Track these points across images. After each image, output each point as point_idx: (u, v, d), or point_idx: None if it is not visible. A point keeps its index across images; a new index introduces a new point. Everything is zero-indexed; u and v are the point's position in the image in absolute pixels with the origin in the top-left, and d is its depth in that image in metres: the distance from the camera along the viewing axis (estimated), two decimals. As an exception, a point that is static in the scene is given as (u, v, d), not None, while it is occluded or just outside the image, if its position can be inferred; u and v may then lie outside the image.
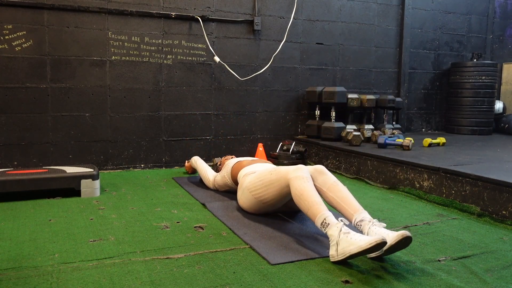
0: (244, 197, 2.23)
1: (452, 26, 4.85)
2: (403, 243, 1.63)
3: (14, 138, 3.18)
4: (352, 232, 1.64)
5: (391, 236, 1.63)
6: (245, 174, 2.34)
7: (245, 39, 3.82)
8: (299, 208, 1.87)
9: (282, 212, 2.28)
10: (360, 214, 1.82)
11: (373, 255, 1.67)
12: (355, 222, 1.81)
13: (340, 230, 1.65)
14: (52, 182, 2.58)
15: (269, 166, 2.41)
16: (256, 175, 2.18)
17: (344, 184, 2.03)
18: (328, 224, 1.70)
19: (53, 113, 3.27)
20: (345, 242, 1.61)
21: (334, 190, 1.95)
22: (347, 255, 1.59)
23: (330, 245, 1.67)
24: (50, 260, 1.65)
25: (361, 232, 1.77)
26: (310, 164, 3.76)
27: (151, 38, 3.49)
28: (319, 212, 1.76)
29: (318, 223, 1.75)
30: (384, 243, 1.56)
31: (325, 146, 3.69)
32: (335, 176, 2.13)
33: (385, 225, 1.75)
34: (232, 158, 2.84)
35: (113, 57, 3.39)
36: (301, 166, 1.98)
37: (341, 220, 1.71)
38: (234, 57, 3.79)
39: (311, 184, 1.89)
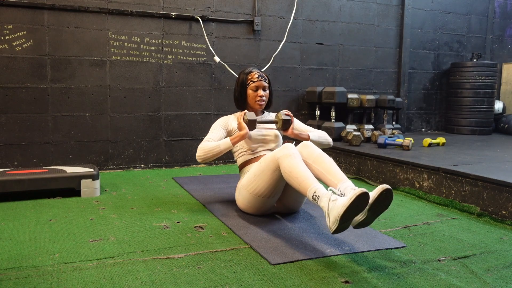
0: (241, 197, 2.21)
1: (452, 26, 4.86)
2: (385, 196, 1.60)
3: (14, 138, 3.18)
4: (340, 198, 1.63)
5: (372, 193, 1.62)
6: (245, 172, 2.32)
7: (245, 39, 3.82)
8: (291, 185, 1.88)
9: (280, 213, 2.28)
10: (344, 183, 1.81)
11: (359, 218, 1.65)
12: (339, 190, 1.79)
13: (329, 200, 1.65)
14: (52, 182, 2.58)
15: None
16: (249, 171, 2.18)
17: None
18: (319, 196, 1.71)
19: (53, 113, 3.27)
20: (334, 209, 1.60)
21: (318, 162, 1.95)
22: (338, 219, 1.57)
23: (325, 218, 1.66)
24: (50, 260, 1.65)
25: None
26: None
27: (151, 38, 3.49)
28: (309, 185, 1.76)
29: (309, 197, 1.75)
30: (365, 193, 1.54)
31: (325, 146, 3.69)
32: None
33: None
34: None
35: (113, 57, 3.40)
36: (287, 144, 1.98)
37: (330, 190, 1.71)
38: (234, 57, 3.79)
39: (299, 159, 1.90)
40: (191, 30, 3.62)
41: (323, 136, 2.42)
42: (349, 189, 1.75)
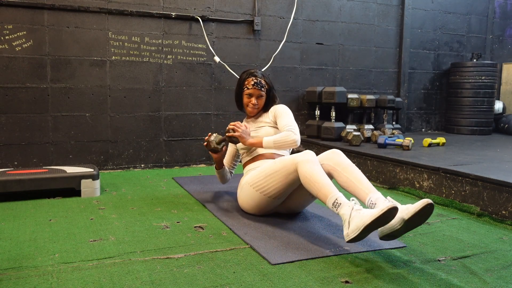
0: (244, 194, 2.19)
1: (452, 26, 4.86)
2: (427, 210, 1.60)
3: (14, 138, 3.18)
4: (364, 209, 1.64)
5: (412, 206, 1.62)
6: (248, 171, 2.32)
7: (245, 39, 3.82)
8: (309, 191, 1.87)
9: (280, 213, 2.28)
10: (375, 194, 1.80)
11: (392, 228, 1.64)
12: (369, 201, 1.78)
13: (352, 209, 1.65)
14: (52, 182, 2.58)
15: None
16: (259, 169, 2.15)
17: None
18: (340, 204, 1.70)
19: (53, 113, 3.27)
20: (358, 217, 1.60)
21: (349, 171, 1.93)
22: (361, 228, 1.57)
23: (343, 225, 1.66)
24: (50, 260, 1.65)
25: None
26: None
27: (151, 38, 3.49)
28: (330, 192, 1.76)
29: (329, 203, 1.74)
30: (395, 208, 1.55)
31: (325, 146, 3.69)
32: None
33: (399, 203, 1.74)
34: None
35: (113, 57, 3.40)
36: (308, 151, 1.98)
37: (353, 200, 1.72)
38: (234, 57, 3.79)
39: (320, 167, 1.89)
40: (191, 30, 3.62)
41: (281, 138, 2.18)
42: (381, 200, 1.74)
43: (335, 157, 1.99)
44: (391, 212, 1.56)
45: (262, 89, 2.34)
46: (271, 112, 2.41)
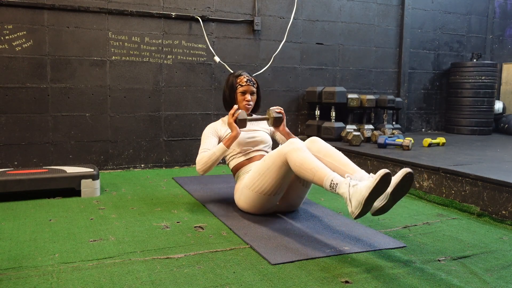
0: (243, 197, 2.20)
1: (452, 26, 4.86)
2: (408, 179, 1.61)
3: (14, 138, 3.18)
4: (360, 183, 1.65)
5: (393, 178, 1.63)
6: (242, 174, 2.33)
7: (245, 39, 3.82)
8: (303, 178, 1.88)
9: (281, 212, 2.28)
10: (359, 173, 1.84)
11: (380, 203, 1.66)
12: (355, 180, 1.79)
13: (349, 186, 1.66)
14: (52, 182, 2.58)
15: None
16: (251, 171, 2.17)
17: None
18: (337, 184, 1.71)
19: (53, 113, 3.27)
20: (356, 193, 1.62)
21: (329, 155, 1.98)
22: (362, 202, 1.58)
23: (346, 204, 1.67)
24: (50, 260, 1.65)
25: None
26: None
27: (151, 38, 3.49)
28: (325, 175, 1.77)
29: (326, 186, 1.75)
30: (388, 174, 1.56)
31: (325, 146, 3.69)
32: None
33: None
34: None
35: (113, 57, 3.40)
36: (293, 139, 2.00)
37: (348, 176, 1.72)
38: (234, 57, 3.79)
39: (308, 152, 1.91)
40: (191, 30, 3.62)
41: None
42: (366, 177, 1.76)
43: (315, 145, 2.05)
44: (385, 178, 1.56)
45: (254, 85, 2.41)
46: (266, 123, 2.53)
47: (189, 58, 3.64)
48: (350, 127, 3.85)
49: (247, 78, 2.39)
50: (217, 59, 3.66)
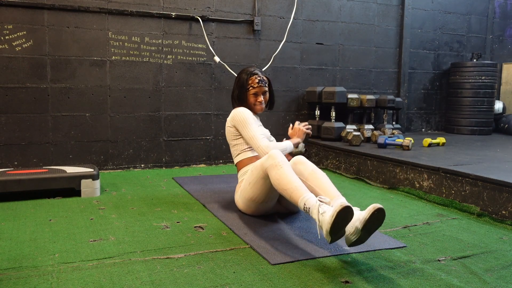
0: (241, 200, 2.22)
1: (452, 26, 4.86)
2: (377, 216, 1.58)
3: (14, 138, 3.18)
4: (327, 210, 1.62)
5: (364, 212, 1.61)
6: (243, 174, 2.33)
7: (245, 39, 3.82)
8: (282, 195, 1.87)
9: (281, 213, 2.28)
10: (337, 200, 1.81)
11: (353, 237, 1.63)
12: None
13: (318, 213, 1.64)
14: (52, 182, 2.58)
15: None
16: (244, 179, 2.19)
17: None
18: (309, 208, 1.70)
19: (53, 113, 3.27)
20: (323, 222, 1.60)
21: (312, 179, 1.97)
22: (329, 233, 1.58)
23: (318, 230, 1.66)
24: (50, 260, 1.65)
25: None
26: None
27: (151, 38, 3.49)
28: (299, 196, 1.76)
29: (301, 208, 1.75)
30: (347, 207, 1.54)
31: (325, 146, 3.69)
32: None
33: (359, 208, 1.74)
34: None
35: (113, 57, 3.40)
36: (271, 153, 1.95)
37: (319, 199, 1.70)
38: (234, 57, 3.79)
39: (286, 167, 1.88)
40: (191, 30, 3.62)
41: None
42: (338, 203, 1.72)
43: (298, 167, 2.03)
44: (343, 212, 1.54)
45: (266, 85, 2.38)
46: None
47: (189, 58, 3.64)
48: (350, 127, 3.85)
49: (259, 78, 2.33)
50: (217, 59, 3.66)
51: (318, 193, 1.91)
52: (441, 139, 3.64)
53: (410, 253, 1.77)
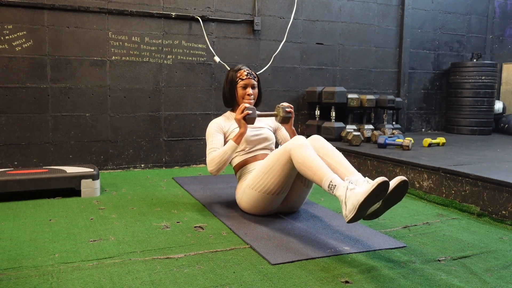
0: (245, 197, 2.19)
1: (452, 26, 4.86)
2: (402, 187, 1.60)
3: (14, 138, 3.18)
4: (358, 187, 1.64)
5: (390, 183, 1.62)
6: (245, 173, 2.32)
7: (245, 39, 3.82)
8: (304, 176, 1.89)
9: (282, 212, 2.28)
10: (355, 176, 1.83)
11: (372, 208, 1.65)
12: (350, 183, 1.79)
13: (347, 188, 1.65)
14: (52, 182, 2.58)
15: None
16: (255, 170, 2.16)
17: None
18: (335, 185, 1.71)
19: (53, 113, 3.27)
20: (353, 197, 1.61)
21: (329, 155, 1.99)
22: (357, 207, 1.57)
23: (341, 207, 1.67)
24: (50, 260, 1.65)
25: None
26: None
27: (151, 38, 3.49)
28: (325, 175, 1.77)
29: (325, 186, 1.76)
30: (386, 182, 1.55)
31: (325, 146, 3.69)
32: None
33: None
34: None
35: (113, 57, 3.40)
36: (298, 136, 2.00)
37: (347, 179, 1.72)
38: (234, 57, 3.79)
39: (312, 150, 1.91)
40: (191, 30, 3.62)
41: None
42: (362, 181, 1.75)
43: (316, 143, 2.05)
44: (382, 186, 1.55)
45: (255, 78, 2.39)
46: (270, 119, 2.52)
47: (189, 58, 3.64)
48: (350, 127, 3.85)
49: (248, 71, 2.36)
50: (217, 59, 3.66)
51: (336, 168, 1.93)
52: (441, 139, 3.64)
53: (410, 253, 1.77)
